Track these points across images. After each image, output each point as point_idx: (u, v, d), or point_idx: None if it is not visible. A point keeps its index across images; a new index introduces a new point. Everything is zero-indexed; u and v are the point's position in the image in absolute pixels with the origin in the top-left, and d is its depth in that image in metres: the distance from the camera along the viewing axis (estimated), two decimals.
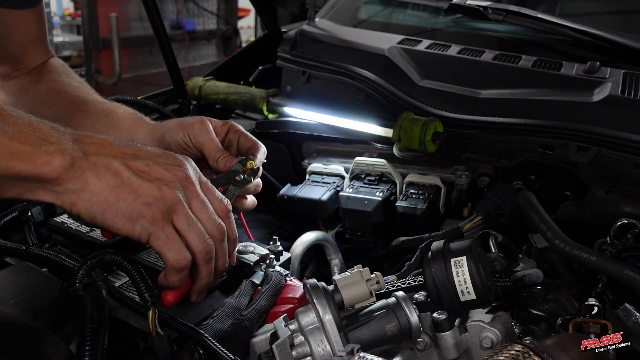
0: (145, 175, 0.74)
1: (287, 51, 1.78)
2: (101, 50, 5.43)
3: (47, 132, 0.69)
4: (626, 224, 1.11)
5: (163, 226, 0.74)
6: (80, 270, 0.81)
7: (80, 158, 0.70)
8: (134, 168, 0.74)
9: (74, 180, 0.69)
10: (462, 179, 1.37)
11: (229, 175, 0.99)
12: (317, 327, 0.77)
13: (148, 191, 0.73)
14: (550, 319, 1.02)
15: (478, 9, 1.49)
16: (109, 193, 0.71)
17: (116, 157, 0.73)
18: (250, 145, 1.07)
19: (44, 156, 0.67)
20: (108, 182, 0.71)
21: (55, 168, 0.68)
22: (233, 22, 6.83)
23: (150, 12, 1.70)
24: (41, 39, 1.23)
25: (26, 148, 0.66)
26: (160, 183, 0.74)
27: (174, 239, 0.75)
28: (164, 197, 0.74)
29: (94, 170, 0.71)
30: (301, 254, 1.23)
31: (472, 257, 0.83)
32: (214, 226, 0.79)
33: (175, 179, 0.76)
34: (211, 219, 0.79)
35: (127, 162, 0.74)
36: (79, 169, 0.70)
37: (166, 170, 0.76)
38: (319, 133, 1.54)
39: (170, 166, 0.77)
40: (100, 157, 0.72)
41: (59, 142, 0.69)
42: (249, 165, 1.00)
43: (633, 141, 1.15)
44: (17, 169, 0.66)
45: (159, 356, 0.76)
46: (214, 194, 0.82)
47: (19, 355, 0.63)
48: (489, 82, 1.40)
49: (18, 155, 0.66)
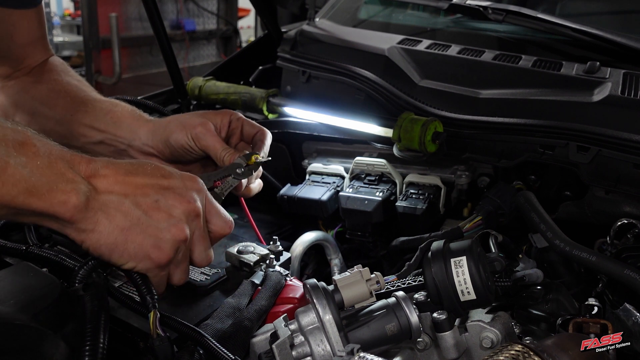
0: (155, 213, 0.75)
1: (287, 51, 1.78)
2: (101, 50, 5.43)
3: (63, 168, 0.70)
4: (626, 224, 1.11)
5: (163, 269, 0.78)
6: (80, 270, 0.81)
7: (92, 199, 0.71)
8: (144, 206, 0.75)
9: (85, 221, 0.71)
10: (462, 179, 1.37)
11: (230, 167, 1.00)
12: (317, 327, 0.77)
13: (158, 233, 0.75)
14: (550, 319, 1.02)
15: (478, 9, 1.49)
16: (118, 234, 0.73)
17: (127, 195, 0.74)
18: (256, 131, 1.08)
19: (60, 195, 0.68)
20: (117, 224, 0.73)
21: (69, 209, 0.69)
22: (233, 22, 6.83)
23: (150, 12, 1.70)
24: (42, 38, 1.23)
25: (44, 185, 0.67)
26: (170, 223, 0.76)
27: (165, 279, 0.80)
28: (174, 238, 0.76)
29: (105, 212, 0.72)
30: (301, 254, 1.23)
31: (472, 257, 0.83)
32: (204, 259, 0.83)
33: (182, 216, 0.77)
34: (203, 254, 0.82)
35: (138, 199, 0.74)
36: (91, 210, 0.71)
37: (175, 207, 0.77)
38: (319, 133, 1.53)
39: (179, 202, 0.77)
40: (111, 196, 0.73)
41: (73, 180, 0.70)
42: (253, 159, 1.01)
43: (633, 141, 1.15)
44: (34, 206, 0.67)
45: (159, 356, 0.76)
46: (220, 216, 0.84)
47: (19, 355, 0.63)
48: (489, 82, 1.40)
49: (36, 193, 0.67)
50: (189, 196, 0.79)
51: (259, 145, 1.07)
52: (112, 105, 1.15)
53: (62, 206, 0.68)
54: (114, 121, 1.12)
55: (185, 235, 0.77)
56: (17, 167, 0.65)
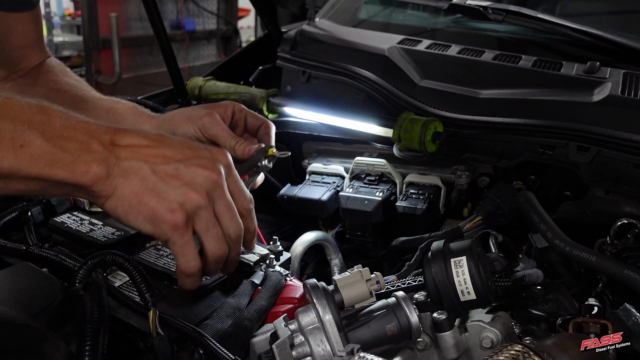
0: (173, 180, 0.75)
1: (287, 51, 1.78)
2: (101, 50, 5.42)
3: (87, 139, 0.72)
4: (626, 224, 1.11)
5: (182, 233, 0.75)
6: (80, 270, 0.81)
7: (113, 165, 0.73)
8: (162, 173, 0.75)
9: (106, 188, 0.73)
10: (462, 179, 1.37)
11: (252, 162, 1.00)
12: (317, 327, 0.77)
13: (173, 197, 0.75)
14: (550, 319, 1.02)
15: (478, 9, 1.49)
16: (132, 198, 0.74)
17: (147, 161, 0.75)
18: (260, 123, 1.08)
19: (83, 166, 0.71)
20: (133, 188, 0.74)
21: (91, 178, 0.71)
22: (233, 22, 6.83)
23: (150, 12, 1.70)
24: (38, 40, 1.22)
25: (67, 157, 0.70)
26: (188, 188, 0.75)
27: (189, 248, 0.76)
28: (188, 202, 0.75)
29: (124, 177, 0.73)
30: (301, 254, 1.23)
31: (472, 257, 0.83)
32: (232, 229, 0.80)
33: (203, 183, 0.76)
34: (232, 221, 0.80)
35: (156, 167, 0.75)
36: (111, 176, 0.73)
37: (196, 173, 0.77)
38: (319, 133, 1.54)
39: (202, 169, 0.77)
40: (131, 162, 0.74)
41: (97, 150, 0.72)
42: (271, 152, 1.01)
43: (633, 141, 1.15)
44: (59, 176, 0.70)
45: (159, 356, 0.76)
46: (241, 191, 0.83)
47: (19, 355, 0.63)
48: (489, 82, 1.40)
49: (59, 164, 0.69)
50: (212, 166, 0.78)
51: (265, 138, 1.07)
52: (113, 103, 1.15)
53: (84, 175, 0.71)
54: (116, 119, 1.12)
55: (201, 201, 0.76)
56: (42, 141, 0.68)
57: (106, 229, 1.11)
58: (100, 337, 0.69)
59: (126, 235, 1.09)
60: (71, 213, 1.16)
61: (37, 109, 0.70)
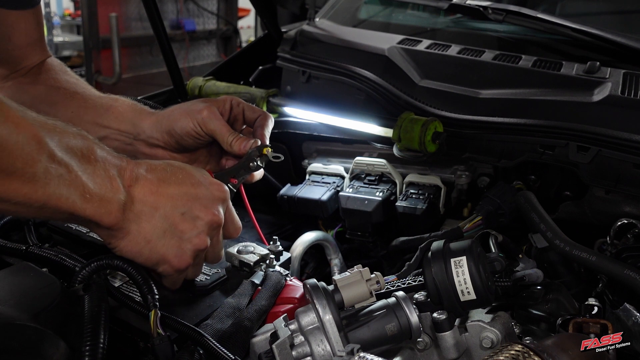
0: (181, 224, 0.82)
1: (287, 51, 1.78)
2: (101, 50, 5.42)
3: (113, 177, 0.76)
4: (626, 224, 1.11)
5: (181, 273, 0.85)
6: (81, 270, 0.81)
7: (128, 210, 0.78)
8: (172, 219, 0.81)
9: (121, 230, 0.78)
10: (462, 179, 1.37)
11: (244, 162, 1.01)
12: (317, 327, 0.77)
13: (181, 245, 0.82)
14: (550, 319, 1.02)
15: (478, 9, 1.49)
16: (144, 244, 0.80)
17: (158, 208, 0.80)
18: (257, 115, 1.09)
19: (108, 205, 0.74)
20: (145, 235, 0.80)
21: (112, 219, 0.75)
22: (233, 22, 6.83)
23: (150, 12, 1.70)
24: (39, 39, 1.22)
25: (97, 194, 0.73)
26: (193, 235, 0.83)
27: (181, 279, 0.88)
28: (194, 248, 0.84)
29: (137, 223, 0.79)
30: (301, 254, 1.23)
31: (472, 257, 0.83)
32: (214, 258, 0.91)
33: (206, 228, 0.84)
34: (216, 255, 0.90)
35: (167, 211, 0.81)
36: (126, 220, 0.78)
37: (200, 219, 0.83)
38: (319, 133, 1.53)
39: (205, 213, 0.84)
40: (145, 207, 0.79)
41: (118, 190, 0.76)
42: (265, 151, 1.01)
43: (633, 141, 1.15)
44: (87, 212, 0.73)
45: (159, 356, 0.76)
46: (234, 222, 0.92)
47: (19, 355, 0.63)
48: (489, 82, 1.40)
49: (90, 199, 0.73)
50: (214, 208, 0.85)
51: (259, 130, 1.07)
52: (112, 100, 1.15)
53: (108, 216, 0.75)
54: (115, 116, 1.12)
55: (205, 245, 0.84)
56: (78, 173, 0.71)
57: None
58: (100, 337, 0.69)
59: None
60: None
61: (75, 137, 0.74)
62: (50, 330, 0.68)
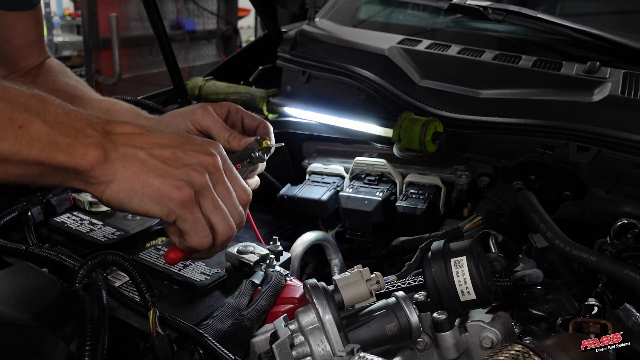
0: (173, 162, 0.76)
1: (287, 51, 1.78)
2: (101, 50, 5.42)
3: (82, 125, 0.72)
4: (626, 224, 1.11)
5: (192, 209, 0.76)
6: (80, 270, 0.81)
7: (111, 150, 0.73)
8: (161, 157, 0.75)
9: (105, 172, 0.72)
10: (462, 179, 1.37)
11: (245, 152, 0.99)
12: (317, 327, 0.77)
13: (176, 175, 0.75)
14: (550, 319, 1.02)
15: (478, 9, 1.49)
16: (135, 181, 0.74)
17: (143, 147, 0.75)
18: (257, 124, 1.08)
19: (81, 148, 0.70)
20: (134, 171, 0.74)
21: (90, 161, 0.71)
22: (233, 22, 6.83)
23: (150, 12, 1.70)
24: (38, 40, 1.22)
25: (65, 139, 0.69)
26: (188, 169, 0.76)
27: (201, 223, 0.77)
28: (193, 181, 0.75)
29: (122, 161, 0.73)
30: (301, 254, 1.23)
31: (472, 257, 0.83)
32: (237, 213, 0.81)
33: (202, 165, 0.77)
34: (234, 206, 0.80)
35: (154, 151, 0.75)
36: (110, 161, 0.72)
37: (193, 157, 0.77)
38: (319, 133, 1.53)
39: (197, 153, 0.78)
40: (128, 148, 0.74)
41: (92, 134, 0.72)
42: (265, 144, 1.00)
43: (633, 141, 1.15)
44: (58, 159, 0.69)
45: (159, 356, 0.76)
46: (239, 182, 0.83)
47: (19, 355, 0.63)
48: (489, 82, 1.40)
49: (59, 147, 0.69)
50: (208, 150, 0.79)
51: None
52: (111, 104, 1.15)
53: (83, 158, 0.70)
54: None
55: (204, 180, 0.76)
56: (40, 124, 0.68)
57: (106, 229, 1.11)
58: (100, 337, 0.69)
59: (126, 236, 1.09)
60: (71, 213, 1.16)
61: (32, 95, 0.70)
62: (50, 330, 0.68)
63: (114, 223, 1.13)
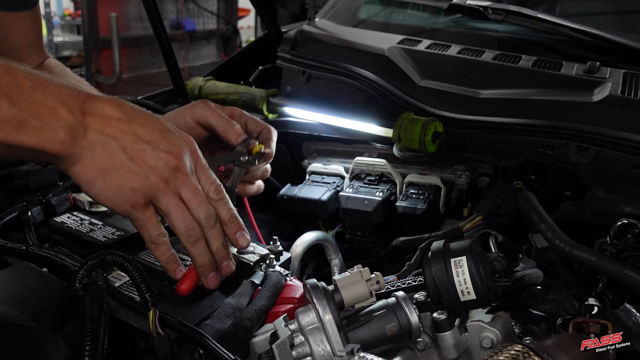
0: (139, 160, 0.77)
1: (287, 51, 1.78)
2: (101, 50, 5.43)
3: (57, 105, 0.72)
4: (626, 224, 1.11)
5: (143, 210, 0.79)
6: (80, 270, 0.81)
7: (80, 136, 0.73)
8: (130, 152, 0.77)
9: (72, 156, 0.74)
10: (462, 179, 1.37)
11: (233, 155, 0.99)
12: (317, 327, 0.77)
13: (136, 178, 0.77)
14: (550, 319, 1.02)
15: (478, 9, 1.49)
16: (98, 173, 0.75)
17: (116, 138, 0.76)
18: (261, 129, 1.08)
19: (50, 132, 0.71)
20: (100, 163, 0.75)
21: (57, 146, 0.72)
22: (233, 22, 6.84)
23: (150, 12, 1.70)
24: (37, 41, 1.23)
25: (35, 122, 0.70)
26: (150, 171, 0.77)
27: (150, 221, 0.80)
28: (149, 186, 0.78)
29: (91, 150, 0.75)
30: (301, 254, 1.23)
31: (472, 257, 0.83)
32: (202, 211, 0.82)
33: (166, 169, 0.78)
34: (200, 205, 0.81)
35: (125, 144, 0.76)
36: (78, 146, 0.74)
37: (160, 158, 0.78)
38: (319, 133, 1.53)
39: (167, 153, 0.79)
40: (100, 136, 0.75)
41: (65, 118, 0.72)
42: (257, 148, 1.00)
43: (633, 141, 1.15)
44: (25, 142, 0.70)
45: (159, 356, 0.76)
46: (207, 177, 0.84)
47: (19, 355, 0.63)
48: (489, 82, 1.40)
49: (27, 130, 0.69)
50: (177, 153, 0.80)
51: (267, 144, 1.06)
52: None
53: (51, 143, 0.71)
54: None
55: (160, 184, 0.78)
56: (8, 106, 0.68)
57: (106, 229, 1.11)
58: (100, 337, 0.69)
59: (126, 235, 1.09)
60: (71, 213, 1.16)
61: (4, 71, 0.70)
62: (50, 330, 0.68)
63: (114, 223, 1.13)
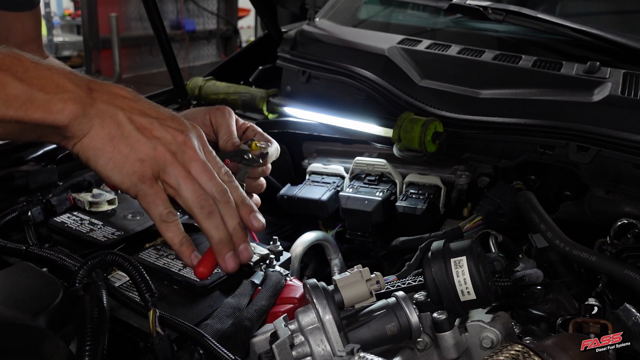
0: (146, 132, 0.75)
1: (287, 51, 1.78)
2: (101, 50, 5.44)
3: (63, 80, 0.72)
4: (626, 224, 1.11)
5: (151, 184, 0.75)
6: (80, 270, 0.81)
7: (89, 105, 0.73)
8: (137, 123, 0.75)
9: (82, 127, 0.73)
10: (462, 179, 1.37)
11: (237, 152, 1.00)
12: (317, 327, 0.77)
13: (144, 148, 0.75)
14: (550, 319, 1.02)
15: (478, 9, 1.49)
16: (107, 142, 0.74)
17: (123, 109, 0.75)
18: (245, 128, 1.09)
19: (59, 104, 0.70)
20: (109, 132, 0.73)
21: (67, 115, 0.71)
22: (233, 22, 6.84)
23: (150, 12, 1.70)
24: (37, 40, 1.23)
25: (43, 96, 0.70)
26: (157, 142, 0.76)
27: (160, 196, 0.76)
28: (157, 157, 0.75)
29: (100, 118, 0.73)
30: (301, 254, 1.23)
31: (472, 257, 0.82)
32: (214, 186, 0.78)
33: (173, 142, 0.76)
34: (211, 180, 0.78)
35: (133, 116, 0.75)
36: (87, 116, 0.72)
37: (167, 132, 0.76)
38: (319, 133, 1.53)
39: (173, 129, 0.77)
40: (109, 107, 0.74)
41: (73, 90, 0.72)
42: (254, 146, 1.01)
43: (633, 141, 1.15)
44: (35, 117, 0.69)
45: (159, 356, 0.76)
46: (216, 160, 0.82)
47: (19, 355, 0.63)
48: (489, 82, 1.40)
49: (36, 103, 0.69)
50: (184, 130, 0.78)
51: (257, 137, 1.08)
52: None
53: (60, 113, 0.70)
54: None
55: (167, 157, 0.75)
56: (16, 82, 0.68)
57: (106, 229, 1.11)
58: (100, 337, 0.69)
59: (126, 235, 1.09)
60: (71, 213, 1.16)
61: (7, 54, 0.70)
62: (50, 330, 0.68)
63: (114, 223, 1.13)
